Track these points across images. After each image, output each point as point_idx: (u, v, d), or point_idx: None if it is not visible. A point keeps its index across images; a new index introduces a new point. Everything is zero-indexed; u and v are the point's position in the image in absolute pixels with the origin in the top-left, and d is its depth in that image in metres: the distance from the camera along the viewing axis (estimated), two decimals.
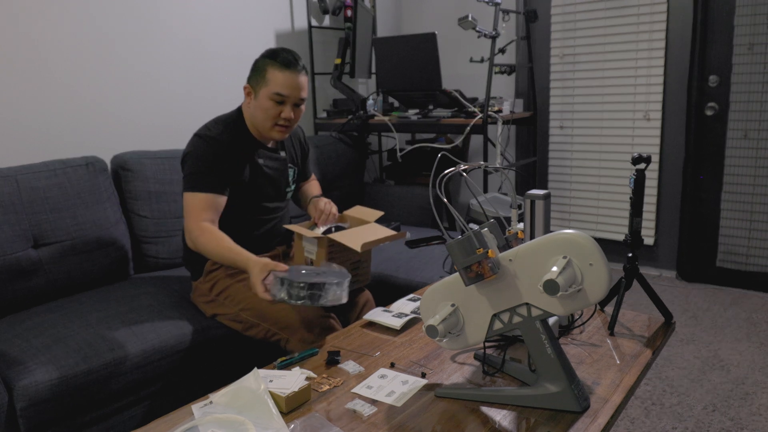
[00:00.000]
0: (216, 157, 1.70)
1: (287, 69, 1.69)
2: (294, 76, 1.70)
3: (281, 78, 1.69)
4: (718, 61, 3.02)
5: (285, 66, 1.69)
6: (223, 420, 1.02)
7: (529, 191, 1.34)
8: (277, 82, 1.69)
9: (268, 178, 1.84)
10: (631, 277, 1.42)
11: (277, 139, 1.80)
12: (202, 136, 1.73)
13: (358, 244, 1.62)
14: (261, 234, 1.87)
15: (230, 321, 1.79)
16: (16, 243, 1.85)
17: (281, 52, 1.72)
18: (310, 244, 1.73)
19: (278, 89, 1.70)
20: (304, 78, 1.73)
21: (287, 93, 1.70)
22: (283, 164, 1.90)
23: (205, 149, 1.71)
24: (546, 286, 0.96)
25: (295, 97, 1.72)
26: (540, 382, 1.05)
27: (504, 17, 2.98)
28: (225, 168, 1.73)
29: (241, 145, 1.78)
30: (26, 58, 2.18)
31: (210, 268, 1.83)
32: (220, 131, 1.74)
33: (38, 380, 1.46)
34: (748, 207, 3.05)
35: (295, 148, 1.99)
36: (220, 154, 1.71)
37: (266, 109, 1.72)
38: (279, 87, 1.70)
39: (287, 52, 1.73)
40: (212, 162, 1.70)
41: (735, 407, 2.04)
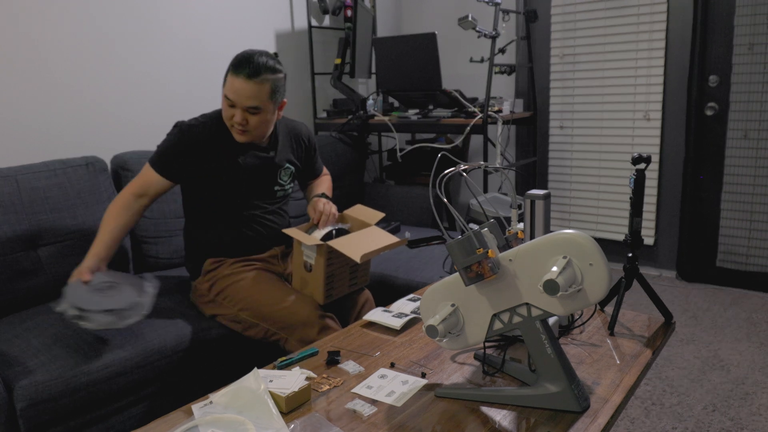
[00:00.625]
0: (181, 144, 1.75)
1: (237, 75, 1.67)
2: (242, 82, 1.66)
3: (230, 82, 1.69)
4: (718, 61, 3.02)
5: (236, 72, 1.67)
6: (223, 420, 1.02)
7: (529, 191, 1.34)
8: (228, 86, 1.70)
9: (248, 175, 1.82)
10: (631, 277, 1.42)
11: (238, 140, 1.79)
12: (179, 124, 1.78)
13: (358, 254, 1.62)
14: (254, 233, 1.86)
15: (229, 321, 1.79)
16: (16, 243, 1.85)
17: (245, 58, 1.69)
18: (309, 249, 1.73)
19: (226, 92, 1.71)
20: (256, 86, 1.67)
21: (232, 98, 1.69)
22: (269, 163, 1.87)
23: (175, 135, 1.77)
24: (546, 286, 0.96)
25: (241, 104, 1.69)
26: (540, 382, 1.05)
27: (504, 17, 2.98)
28: (189, 157, 1.75)
29: (219, 140, 1.78)
30: (26, 58, 2.18)
31: (208, 268, 1.83)
32: (198, 125, 1.78)
33: (38, 380, 1.46)
34: (748, 207, 3.05)
35: (293, 147, 1.98)
36: (187, 142, 1.75)
37: (224, 109, 1.75)
38: (227, 90, 1.70)
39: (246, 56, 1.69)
40: (174, 147, 1.75)
41: (735, 407, 2.04)
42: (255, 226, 1.86)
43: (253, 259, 1.86)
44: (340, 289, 1.79)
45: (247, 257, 1.86)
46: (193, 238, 1.89)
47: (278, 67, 1.73)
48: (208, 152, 1.77)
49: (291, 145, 1.97)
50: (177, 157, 1.75)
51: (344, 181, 2.99)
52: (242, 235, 1.84)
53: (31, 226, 1.89)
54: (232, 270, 1.81)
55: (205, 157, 1.76)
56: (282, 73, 1.75)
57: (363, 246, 1.67)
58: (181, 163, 1.76)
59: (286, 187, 1.96)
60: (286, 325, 1.67)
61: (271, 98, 1.72)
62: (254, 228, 1.86)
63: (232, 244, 1.84)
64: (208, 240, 1.85)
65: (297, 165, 2.00)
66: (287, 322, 1.67)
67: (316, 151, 2.08)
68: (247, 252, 1.86)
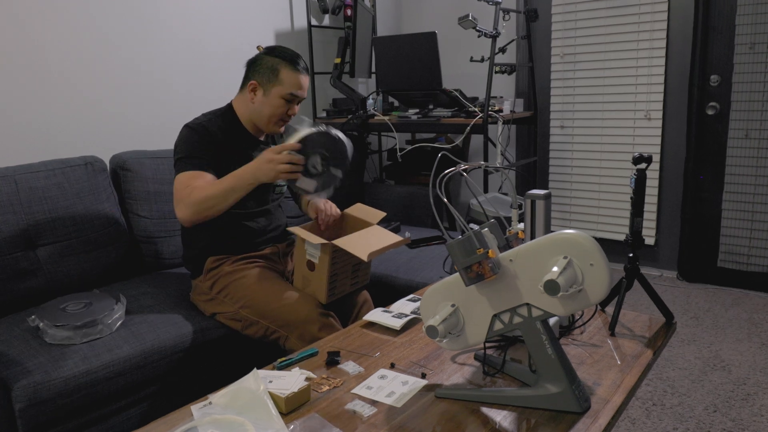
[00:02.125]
0: (202, 142, 1.74)
1: (298, 71, 1.78)
2: (305, 78, 1.80)
3: (296, 79, 1.77)
4: (719, 60, 3.02)
5: (297, 67, 1.77)
6: (222, 421, 1.02)
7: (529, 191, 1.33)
8: (292, 83, 1.77)
9: None
10: (632, 278, 1.42)
11: (277, 132, 1.87)
12: (190, 125, 1.78)
13: (365, 252, 1.62)
14: (257, 228, 1.87)
15: (229, 320, 1.79)
16: (15, 243, 1.85)
17: (290, 52, 1.79)
18: (313, 248, 1.73)
19: (293, 90, 1.78)
20: (309, 79, 1.83)
21: (300, 93, 1.79)
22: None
23: (192, 135, 1.75)
24: (546, 286, 0.96)
25: (303, 96, 1.82)
26: (540, 383, 1.05)
27: (504, 16, 2.97)
28: (212, 153, 1.75)
29: (232, 136, 1.81)
30: (26, 58, 2.17)
31: (210, 266, 1.83)
32: (209, 121, 1.80)
33: (37, 381, 1.45)
34: (749, 207, 3.05)
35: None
36: (207, 139, 1.75)
37: (276, 107, 1.79)
38: (294, 88, 1.77)
39: (292, 51, 1.80)
40: (199, 146, 1.73)
41: (736, 408, 2.03)
42: (258, 220, 1.88)
43: (254, 256, 1.86)
44: (342, 288, 1.79)
45: (248, 254, 1.85)
46: (194, 237, 1.89)
47: None
48: (223, 147, 1.78)
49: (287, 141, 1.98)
50: (207, 150, 1.72)
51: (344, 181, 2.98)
52: (244, 230, 1.85)
53: (29, 226, 1.89)
54: (234, 267, 1.81)
55: (223, 151, 1.77)
56: None
57: (369, 245, 1.66)
58: (211, 155, 1.73)
59: (283, 184, 1.97)
60: (286, 322, 1.67)
61: None
62: (257, 222, 1.87)
63: (235, 240, 1.84)
64: (210, 238, 1.85)
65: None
66: (288, 320, 1.67)
67: None
68: (250, 248, 1.86)
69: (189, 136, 1.74)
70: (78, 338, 1.60)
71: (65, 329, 1.60)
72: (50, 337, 1.59)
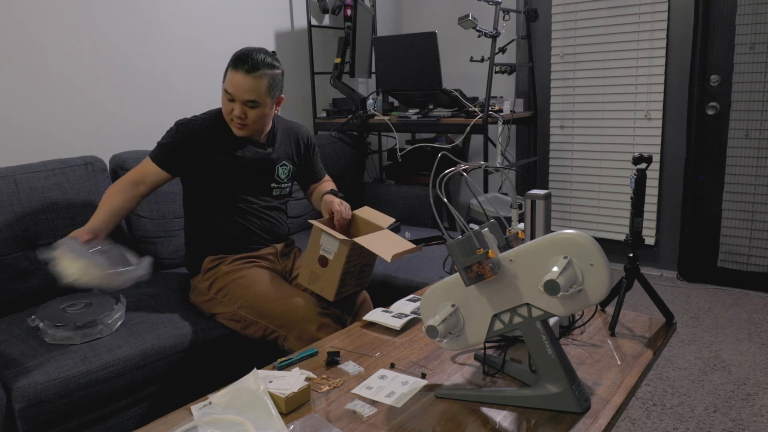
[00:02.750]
0: (179, 137, 1.82)
1: (237, 70, 1.74)
2: (241, 77, 1.73)
3: (231, 77, 1.76)
4: (719, 60, 3.02)
5: (236, 66, 1.74)
6: (222, 421, 1.02)
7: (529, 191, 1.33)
8: (228, 81, 1.76)
9: (246, 169, 1.86)
10: (632, 278, 1.42)
11: (237, 135, 1.85)
12: (177, 122, 1.85)
13: (389, 253, 1.62)
14: (252, 228, 1.87)
15: (228, 320, 1.79)
16: (14, 243, 1.85)
17: (244, 54, 1.75)
18: (330, 244, 1.71)
19: (227, 87, 1.77)
20: (255, 81, 1.73)
21: (232, 91, 1.76)
22: (267, 159, 1.90)
23: (173, 131, 1.83)
24: (546, 286, 0.96)
25: (240, 98, 1.75)
26: (540, 383, 1.05)
27: (504, 16, 2.97)
28: (188, 150, 1.81)
29: (218, 134, 1.84)
30: (26, 57, 2.17)
31: (208, 266, 1.83)
32: (197, 120, 1.85)
33: (37, 381, 1.45)
34: (749, 207, 3.05)
35: (292, 146, 2.00)
36: (186, 135, 1.81)
37: (223, 104, 1.81)
38: (227, 84, 1.77)
39: (247, 51, 1.76)
40: (172, 139, 1.82)
41: (736, 408, 2.03)
42: (253, 220, 1.88)
43: (252, 256, 1.86)
44: (348, 288, 1.79)
45: (246, 254, 1.86)
46: (193, 235, 1.91)
47: (276, 64, 1.80)
48: (207, 145, 1.82)
49: (290, 144, 2.00)
50: (175, 149, 1.81)
51: (344, 181, 2.99)
52: (240, 229, 1.85)
53: (29, 226, 1.89)
54: (232, 267, 1.81)
55: (203, 150, 1.82)
56: (280, 69, 1.81)
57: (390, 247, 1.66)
58: (179, 155, 1.81)
59: (283, 185, 1.97)
60: (284, 322, 1.67)
61: (268, 93, 1.78)
62: (252, 222, 1.87)
63: (230, 239, 1.85)
64: (207, 236, 1.86)
65: (295, 164, 2.01)
66: (286, 319, 1.67)
67: (315, 152, 2.10)
68: (246, 248, 1.87)
69: (171, 130, 1.85)
70: (78, 338, 1.61)
71: (65, 329, 1.60)
72: (50, 337, 1.60)
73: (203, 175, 1.83)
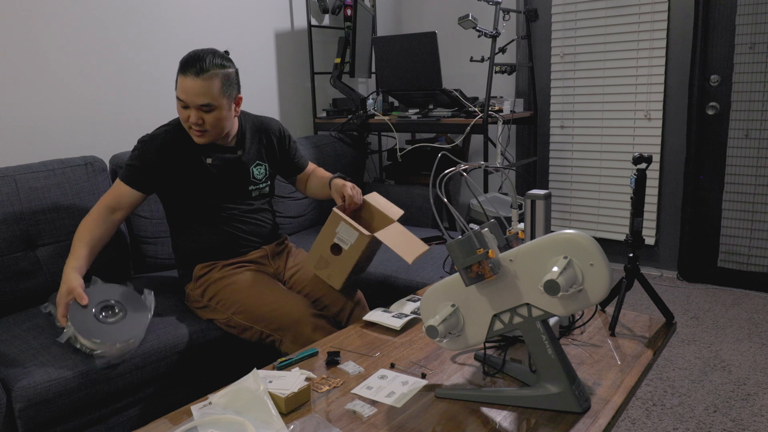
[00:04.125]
0: (144, 156, 1.75)
1: (186, 75, 1.65)
2: (191, 81, 1.64)
3: (181, 82, 1.67)
4: (719, 60, 3.02)
5: (184, 71, 1.66)
6: (222, 421, 1.02)
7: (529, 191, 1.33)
8: (179, 87, 1.68)
9: (216, 176, 1.81)
10: (632, 278, 1.42)
11: (198, 143, 1.77)
12: (140, 139, 1.79)
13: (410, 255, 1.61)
14: (237, 234, 1.85)
15: (224, 326, 1.78)
16: (14, 243, 1.85)
17: (191, 57, 1.67)
18: (348, 234, 1.67)
19: (178, 93, 1.69)
20: (205, 83, 1.65)
21: (184, 98, 1.68)
22: (238, 162, 1.85)
23: (138, 148, 1.77)
24: (546, 286, 0.96)
25: (194, 103, 1.67)
26: (540, 383, 1.05)
27: (504, 16, 2.97)
28: (156, 166, 1.75)
29: (183, 145, 1.78)
30: (26, 58, 2.17)
31: (199, 273, 1.82)
32: (160, 134, 1.78)
33: (37, 381, 1.45)
34: (749, 207, 3.05)
35: (262, 144, 1.94)
36: (151, 151, 1.75)
37: (179, 112, 1.73)
38: (179, 91, 1.69)
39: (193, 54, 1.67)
40: (139, 158, 1.76)
41: (736, 408, 2.03)
42: (238, 225, 1.84)
43: (243, 261, 1.85)
44: (353, 277, 1.78)
45: (236, 260, 1.84)
46: (179, 245, 1.88)
47: (227, 63, 1.71)
48: (174, 159, 1.76)
49: (260, 141, 1.93)
50: (144, 168, 1.75)
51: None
52: (225, 237, 1.83)
53: (29, 226, 1.89)
54: (223, 273, 1.79)
55: (172, 164, 1.76)
56: (232, 68, 1.73)
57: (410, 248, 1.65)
58: (149, 172, 1.76)
59: (261, 185, 1.92)
60: (279, 326, 1.67)
61: (223, 93, 1.69)
62: (237, 227, 1.84)
63: (216, 246, 1.83)
64: (194, 246, 1.84)
65: (271, 161, 1.96)
66: (280, 323, 1.66)
67: (291, 142, 2.03)
68: (234, 253, 1.84)
69: (135, 147, 1.79)
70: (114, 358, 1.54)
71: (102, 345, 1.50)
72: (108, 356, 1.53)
73: (177, 189, 1.79)
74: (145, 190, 1.78)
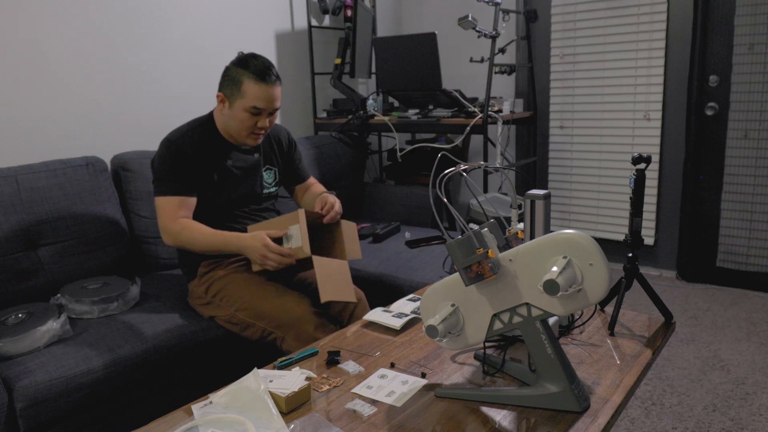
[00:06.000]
0: (179, 162, 1.74)
1: (263, 82, 1.69)
2: (269, 88, 1.71)
3: (258, 91, 1.70)
4: (718, 60, 3.02)
5: (261, 79, 1.69)
6: (222, 420, 1.02)
7: (529, 191, 1.34)
8: (254, 96, 1.70)
9: (237, 179, 1.85)
10: (631, 277, 1.42)
11: (252, 145, 1.83)
12: (166, 141, 1.77)
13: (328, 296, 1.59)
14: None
15: (227, 323, 1.79)
16: (16, 243, 1.85)
17: (256, 63, 1.71)
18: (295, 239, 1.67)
19: (255, 103, 1.71)
20: (279, 89, 1.75)
21: (263, 106, 1.72)
22: (255, 165, 1.90)
23: (168, 154, 1.75)
24: (546, 286, 0.96)
25: (272, 108, 1.75)
26: (540, 382, 1.05)
27: (504, 17, 2.98)
28: (189, 171, 1.75)
29: (209, 147, 1.80)
30: (27, 58, 2.18)
31: (204, 271, 1.83)
32: (185, 135, 1.77)
33: (38, 380, 1.46)
34: (748, 207, 3.05)
35: (273, 149, 1.99)
36: (183, 158, 1.74)
37: (242, 120, 1.75)
38: (256, 101, 1.71)
39: (261, 62, 1.72)
40: (176, 166, 1.74)
41: (735, 407, 2.04)
42: (246, 224, 1.86)
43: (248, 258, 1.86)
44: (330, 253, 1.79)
45: (241, 257, 1.85)
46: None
47: None
48: (202, 159, 1.79)
49: (271, 146, 1.99)
50: (182, 170, 1.75)
51: (344, 181, 2.99)
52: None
53: (31, 226, 1.89)
54: (228, 271, 1.81)
55: (200, 165, 1.78)
56: None
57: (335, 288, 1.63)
58: (191, 175, 1.76)
59: (271, 188, 1.97)
60: (281, 323, 1.67)
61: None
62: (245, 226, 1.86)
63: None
64: None
65: (279, 166, 2.01)
66: (283, 320, 1.67)
67: (297, 151, 2.08)
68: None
69: (164, 154, 1.75)
70: (96, 312, 1.73)
71: (84, 303, 1.75)
72: (70, 311, 1.75)
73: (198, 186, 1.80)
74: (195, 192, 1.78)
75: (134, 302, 1.85)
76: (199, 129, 1.82)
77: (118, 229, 2.11)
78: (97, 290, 1.82)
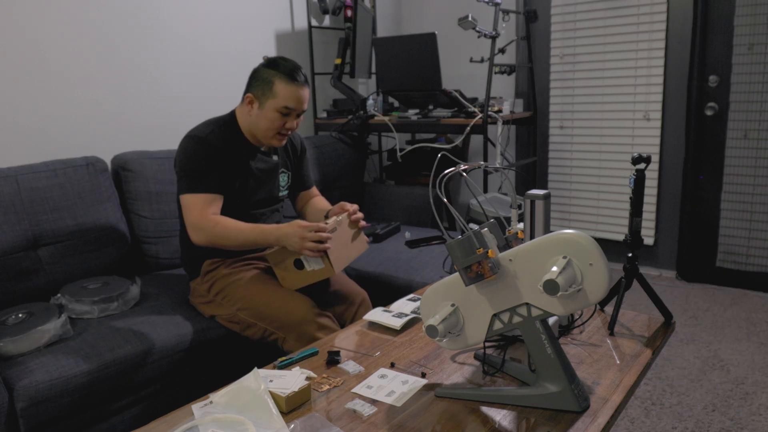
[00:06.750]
0: (208, 158, 1.72)
1: (295, 83, 1.72)
2: (301, 89, 1.74)
3: (290, 92, 1.72)
4: (717, 61, 3.02)
5: (293, 80, 1.72)
6: (223, 420, 1.02)
7: (529, 191, 1.34)
8: (286, 96, 1.72)
9: (258, 180, 1.85)
10: (631, 277, 1.42)
11: (277, 146, 1.84)
12: (194, 137, 1.73)
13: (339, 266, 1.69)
14: None
15: (228, 322, 1.79)
16: (16, 243, 1.85)
17: (286, 64, 1.74)
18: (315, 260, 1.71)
19: (287, 103, 1.73)
20: (308, 90, 1.78)
21: (295, 106, 1.75)
22: (274, 168, 1.91)
23: (197, 150, 1.72)
24: (546, 286, 0.96)
25: (300, 109, 1.77)
26: (540, 382, 1.05)
27: (504, 17, 2.98)
28: (218, 168, 1.74)
29: (233, 147, 1.79)
30: (27, 58, 2.18)
31: (207, 269, 1.83)
32: (212, 132, 1.75)
33: (38, 380, 1.46)
34: (747, 207, 3.05)
35: (288, 154, 2.00)
36: (211, 155, 1.72)
37: (272, 120, 1.75)
38: (288, 101, 1.73)
39: (291, 63, 1.75)
40: (205, 163, 1.71)
41: (735, 407, 2.04)
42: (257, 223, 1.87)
43: (251, 258, 1.87)
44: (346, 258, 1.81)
45: (246, 256, 1.86)
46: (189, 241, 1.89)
47: None
48: (227, 158, 1.77)
49: (288, 151, 2.00)
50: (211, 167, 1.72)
51: (344, 181, 2.99)
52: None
53: (31, 226, 1.89)
54: (231, 270, 1.81)
55: (225, 165, 1.76)
56: None
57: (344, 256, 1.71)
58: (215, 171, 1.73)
59: (284, 191, 1.98)
60: (283, 324, 1.68)
61: None
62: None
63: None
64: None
65: (292, 171, 2.02)
66: (285, 321, 1.67)
67: (306, 157, 2.09)
68: (246, 251, 1.87)
69: (192, 150, 1.72)
70: (96, 312, 1.74)
71: (84, 303, 1.76)
72: (70, 311, 1.75)
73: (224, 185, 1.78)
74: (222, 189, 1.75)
75: (134, 302, 1.85)
76: (225, 127, 1.80)
77: (118, 229, 2.11)
78: (97, 290, 1.83)
